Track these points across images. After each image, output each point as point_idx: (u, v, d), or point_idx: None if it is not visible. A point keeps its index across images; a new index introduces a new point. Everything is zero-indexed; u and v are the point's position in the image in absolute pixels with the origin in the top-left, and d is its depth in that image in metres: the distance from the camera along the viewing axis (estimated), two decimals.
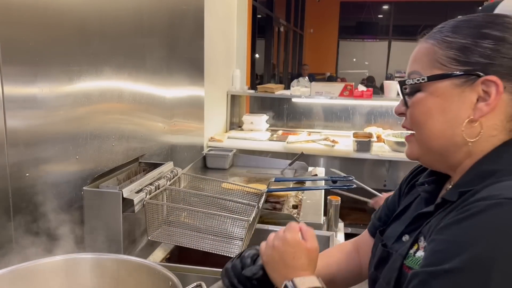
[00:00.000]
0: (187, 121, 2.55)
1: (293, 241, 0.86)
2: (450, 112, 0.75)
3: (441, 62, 0.75)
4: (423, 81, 0.76)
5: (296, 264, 0.84)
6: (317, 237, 1.66)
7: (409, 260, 0.76)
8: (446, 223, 0.67)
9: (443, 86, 0.75)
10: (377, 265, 0.86)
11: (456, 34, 0.76)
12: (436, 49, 0.76)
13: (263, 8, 7.30)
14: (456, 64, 0.74)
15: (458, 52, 0.74)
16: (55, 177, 1.33)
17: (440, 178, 0.85)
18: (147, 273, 1.08)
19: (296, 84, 4.69)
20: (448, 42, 0.76)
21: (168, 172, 1.70)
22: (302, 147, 3.50)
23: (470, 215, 0.64)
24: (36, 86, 1.22)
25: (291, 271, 0.83)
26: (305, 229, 0.90)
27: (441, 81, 0.75)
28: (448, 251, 0.64)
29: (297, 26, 11.28)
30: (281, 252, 0.86)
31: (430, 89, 0.76)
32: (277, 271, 0.86)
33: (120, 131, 1.69)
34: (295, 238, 0.87)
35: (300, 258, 0.85)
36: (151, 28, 1.95)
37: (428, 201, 0.84)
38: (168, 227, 1.49)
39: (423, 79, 0.76)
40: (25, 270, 1.04)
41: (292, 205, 2.11)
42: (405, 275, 0.75)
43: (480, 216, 0.63)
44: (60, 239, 1.27)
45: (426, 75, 0.76)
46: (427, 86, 0.77)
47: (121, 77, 1.68)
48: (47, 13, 1.25)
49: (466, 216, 0.65)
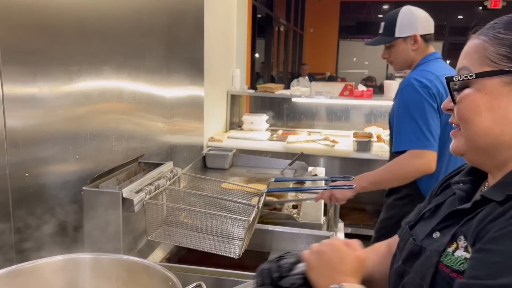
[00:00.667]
0: (187, 121, 2.55)
1: (341, 247, 0.86)
2: (499, 110, 0.73)
3: (491, 59, 0.74)
4: (471, 77, 0.75)
5: (344, 269, 0.83)
6: (318, 237, 1.66)
7: (447, 259, 0.74)
8: (502, 233, 0.64)
9: (492, 83, 0.73)
10: (406, 259, 0.84)
11: (509, 31, 0.74)
12: (487, 45, 0.75)
13: (263, 8, 7.29)
14: (507, 61, 0.72)
15: (509, 49, 0.73)
16: (55, 177, 1.33)
17: (477, 178, 0.83)
18: (146, 273, 1.08)
19: (296, 84, 4.70)
20: (500, 39, 0.74)
21: (167, 172, 1.70)
22: (302, 147, 3.49)
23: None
24: (35, 86, 1.22)
25: (339, 276, 0.82)
26: (352, 240, 0.90)
27: (490, 78, 0.74)
28: (506, 265, 0.61)
29: (297, 26, 11.28)
30: (329, 257, 0.84)
31: (478, 86, 0.75)
32: (323, 276, 0.83)
33: (120, 131, 1.69)
34: (342, 244, 0.86)
35: (349, 264, 0.84)
36: (151, 28, 1.94)
37: (462, 200, 0.82)
38: (167, 227, 1.48)
39: (471, 76, 0.75)
40: (24, 270, 1.04)
41: (292, 205, 2.11)
42: (441, 272, 0.73)
43: None
44: (59, 239, 1.27)
45: (475, 72, 0.75)
46: (475, 83, 0.75)
47: (121, 77, 1.68)
48: (46, 13, 1.25)
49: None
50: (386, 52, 1.99)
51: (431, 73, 1.82)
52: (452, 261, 0.73)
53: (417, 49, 1.91)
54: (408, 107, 1.78)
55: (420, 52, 1.92)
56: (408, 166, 1.77)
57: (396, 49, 1.94)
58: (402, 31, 1.89)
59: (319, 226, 1.81)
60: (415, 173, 1.79)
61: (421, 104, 1.75)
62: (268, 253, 1.68)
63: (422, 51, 1.93)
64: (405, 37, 1.90)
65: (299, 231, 1.70)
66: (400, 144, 1.80)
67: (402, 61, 1.97)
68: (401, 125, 1.80)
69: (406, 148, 1.77)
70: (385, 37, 1.95)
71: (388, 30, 1.93)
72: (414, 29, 1.89)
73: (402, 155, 1.78)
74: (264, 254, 1.68)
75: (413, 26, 1.89)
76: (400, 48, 1.93)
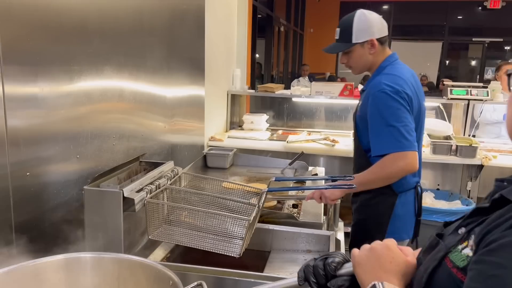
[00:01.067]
0: (188, 121, 2.55)
1: (394, 247, 0.85)
2: None
3: None
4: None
5: (391, 269, 0.82)
6: (318, 237, 1.67)
7: (454, 255, 0.73)
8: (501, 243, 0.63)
9: None
10: (425, 251, 0.84)
11: None
12: None
13: (264, 8, 7.30)
14: None
15: None
16: (56, 176, 1.34)
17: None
18: (147, 272, 1.08)
19: (296, 84, 4.70)
20: None
21: (168, 171, 1.70)
22: (302, 146, 3.50)
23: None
24: (36, 86, 1.22)
25: (385, 275, 0.80)
26: (405, 247, 0.88)
27: None
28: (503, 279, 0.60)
29: (297, 26, 11.28)
30: (379, 255, 0.83)
31: None
32: (369, 272, 0.82)
33: (121, 130, 1.69)
34: (395, 246, 0.85)
35: (398, 265, 0.82)
36: (152, 28, 1.95)
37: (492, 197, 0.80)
38: (168, 226, 1.49)
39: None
40: (26, 269, 1.04)
41: (293, 204, 2.11)
42: (444, 267, 0.73)
43: None
44: (60, 238, 1.27)
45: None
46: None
47: (122, 76, 1.68)
48: (47, 13, 1.25)
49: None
50: (344, 58, 2.02)
51: (399, 78, 1.88)
52: (457, 257, 0.72)
53: (374, 53, 1.95)
54: (383, 114, 1.82)
55: (377, 55, 1.97)
56: (393, 167, 1.82)
57: (354, 54, 1.97)
58: (359, 37, 1.93)
59: (319, 226, 1.81)
60: (400, 174, 1.84)
61: (396, 109, 1.81)
62: (269, 252, 1.68)
63: (379, 54, 1.97)
64: (362, 42, 1.93)
65: (299, 230, 1.70)
66: (380, 149, 1.84)
67: (361, 66, 2.01)
68: (378, 131, 1.84)
69: (388, 152, 1.81)
70: (343, 44, 1.98)
71: (345, 36, 1.96)
72: (371, 34, 1.92)
73: (385, 157, 1.82)
74: (265, 253, 1.68)
75: (369, 31, 1.93)
76: (358, 53, 1.96)
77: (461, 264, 0.71)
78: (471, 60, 13.03)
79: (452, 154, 3.44)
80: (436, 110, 4.10)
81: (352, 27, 1.93)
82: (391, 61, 1.98)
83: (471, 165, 3.50)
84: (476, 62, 12.73)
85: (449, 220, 0.88)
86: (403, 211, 1.99)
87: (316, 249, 1.67)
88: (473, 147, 3.38)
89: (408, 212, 2.03)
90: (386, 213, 1.97)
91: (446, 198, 3.54)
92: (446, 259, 0.74)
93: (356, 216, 2.09)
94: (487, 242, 0.66)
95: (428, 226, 3.26)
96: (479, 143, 3.45)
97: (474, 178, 3.57)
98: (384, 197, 1.95)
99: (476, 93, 3.83)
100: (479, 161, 3.36)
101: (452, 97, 3.85)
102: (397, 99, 1.81)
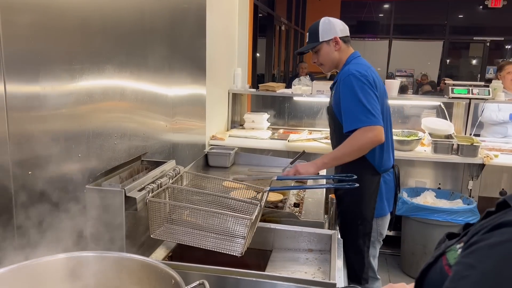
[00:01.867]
0: (189, 120, 2.55)
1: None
2: None
3: None
4: None
5: None
6: (320, 236, 1.67)
7: (450, 253, 0.74)
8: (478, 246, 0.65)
9: None
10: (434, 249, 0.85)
11: None
12: None
13: (265, 7, 7.29)
14: None
15: None
16: (58, 175, 1.33)
17: None
18: (149, 271, 1.08)
19: (297, 83, 4.70)
20: None
21: (170, 170, 1.70)
22: (303, 145, 3.49)
23: (497, 243, 0.62)
24: (38, 85, 1.22)
25: None
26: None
27: None
28: (472, 281, 0.62)
29: (298, 25, 11.28)
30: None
31: None
32: None
33: (122, 129, 1.69)
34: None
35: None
36: (153, 27, 1.95)
37: None
38: (170, 225, 1.49)
39: None
40: (28, 268, 1.04)
41: (294, 203, 2.11)
42: (439, 264, 0.74)
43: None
44: (62, 237, 1.27)
45: None
46: None
47: (123, 75, 1.68)
48: (49, 12, 1.25)
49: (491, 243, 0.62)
50: (315, 57, 2.32)
51: (364, 65, 2.18)
52: (451, 255, 0.74)
53: (339, 49, 2.25)
54: (355, 92, 2.05)
55: (343, 52, 2.26)
56: (363, 139, 2.03)
57: (322, 52, 2.27)
58: (325, 36, 2.24)
59: (321, 225, 1.81)
60: (369, 145, 2.05)
61: (364, 89, 2.05)
62: (270, 251, 1.68)
63: (344, 52, 2.27)
64: (328, 40, 2.24)
65: (300, 229, 1.70)
66: (351, 124, 2.05)
67: (329, 62, 2.29)
68: (350, 108, 2.07)
69: (358, 127, 2.02)
70: (312, 43, 2.28)
71: (313, 38, 2.27)
72: (334, 33, 2.24)
73: (356, 131, 2.03)
74: (266, 252, 1.68)
75: (333, 31, 2.24)
76: (325, 51, 2.26)
77: (452, 262, 0.72)
78: (472, 59, 13.02)
79: (453, 153, 3.44)
80: (437, 109, 4.10)
81: (318, 29, 2.24)
82: (355, 56, 2.27)
83: (472, 164, 3.50)
84: (477, 61, 12.71)
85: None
86: (386, 189, 2.22)
87: (317, 248, 1.67)
88: (475, 146, 3.38)
89: (389, 189, 2.25)
90: (374, 192, 2.18)
91: (447, 197, 3.53)
92: (443, 257, 0.75)
93: (347, 198, 2.23)
94: (468, 244, 0.68)
95: (429, 225, 3.26)
96: (480, 142, 3.45)
97: (476, 177, 3.56)
98: (370, 177, 2.17)
99: (477, 92, 3.82)
100: (481, 160, 3.36)
101: (454, 96, 3.85)
102: (364, 80, 2.06)
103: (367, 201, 2.17)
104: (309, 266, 1.56)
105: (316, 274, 1.50)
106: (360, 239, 2.19)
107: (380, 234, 2.24)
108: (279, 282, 1.29)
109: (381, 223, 2.23)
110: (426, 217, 3.25)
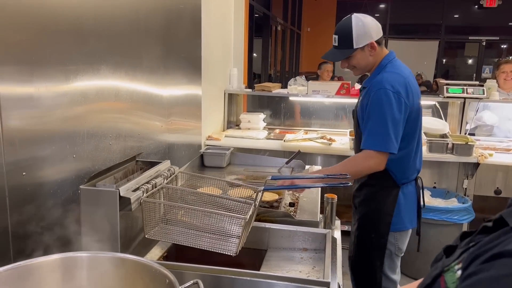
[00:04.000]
0: (185, 120, 2.55)
1: None
2: None
3: None
4: None
5: None
6: (314, 235, 1.67)
7: (449, 275, 0.71)
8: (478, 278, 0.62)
9: None
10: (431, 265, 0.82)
11: None
12: None
13: (260, 7, 7.29)
14: None
15: None
16: (52, 176, 1.34)
17: None
18: (144, 271, 1.09)
19: (293, 83, 4.70)
20: None
21: (165, 170, 1.71)
22: (299, 145, 3.50)
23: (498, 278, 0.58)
24: (32, 85, 1.22)
25: None
26: None
27: None
28: None
29: (294, 25, 11.28)
30: None
31: None
32: None
33: (117, 129, 1.69)
34: None
35: None
36: (148, 27, 1.95)
37: None
38: (165, 225, 1.49)
39: None
40: (22, 268, 1.04)
41: (289, 203, 2.12)
42: (437, 284, 0.72)
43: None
44: (57, 238, 1.27)
45: None
46: None
47: (118, 76, 1.68)
48: (42, 12, 1.25)
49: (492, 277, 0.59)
50: (345, 62, 2.11)
51: (400, 76, 1.99)
52: (450, 277, 0.71)
53: (374, 54, 2.05)
54: (383, 112, 1.93)
55: (377, 55, 2.07)
56: (363, 165, 1.97)
57: (356, 58, 2.06)
58: (359, 42, 2.01)
59: (316, 224, 1.82)
60: (367, 172, 2.00)
61: (392, 109, 1.92)
62: (265, 251, 1.68)
63: (378, 54, 2.07)
64: (362, 47, 2.03)
65: (296, 228, 1.70)
66: (369, 144, 1.96)
67: (363, 67, 2.10)
68: (373, 127, 1.96)
69: (372, 149, 1.94)
70: (344, 50, 2.05)
71: (345, 43, 2.04)
72: (370, 38, 2.02)
73: (361, 152, 1.97)
74: (261, 251, 1.68)
75: (368, 35, 2.02)
76: (359, 57, 2.05)
77: (451, 286, 0.69)
78: (468, 59, 13.06)
79: (448, 152, 3.45)
80: (433, 109, 4.11)
81: (352, 34, 2.00)
82: (390, 59, 2.08)
83: (467, 163, 3.51)
84: (473, 61, 12.75)
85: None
86: (405, 201, 2.10)
87: (312, 248, 1.68)
88: (469, 145, 3.40)
89: (410, 202, 2.13)
90: (390, 204, 2.07)
91: (442, 196, 3.55)
92: (441, 278, 0.73)
93: (362, 209, 2.16)
94: (467, 273, 0.65)
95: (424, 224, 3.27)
96: (475, 141, 3.47)
97: (471, 176, 3.58)
98: (387, 189, 2.07)
99: (472, 92, 3.84)
100: (475, 159, 3.38)
101: (448, 95, 3.86)
102: (395, 100, 1.92)
103: (382, 215, 2.08)
104: (304, 265, 1.56)
105: (310, 273, 1.51)
106: (373, 252, 2.12)
107: (398, 249, 2.14)
108: (274, 282, 1.29)
109: (399, 237, 2.13)
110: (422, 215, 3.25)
